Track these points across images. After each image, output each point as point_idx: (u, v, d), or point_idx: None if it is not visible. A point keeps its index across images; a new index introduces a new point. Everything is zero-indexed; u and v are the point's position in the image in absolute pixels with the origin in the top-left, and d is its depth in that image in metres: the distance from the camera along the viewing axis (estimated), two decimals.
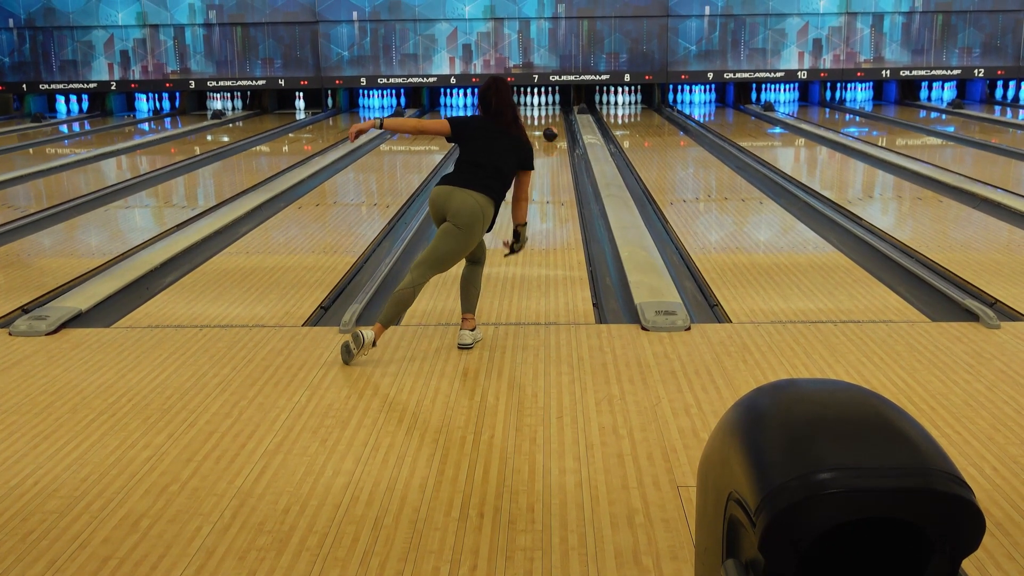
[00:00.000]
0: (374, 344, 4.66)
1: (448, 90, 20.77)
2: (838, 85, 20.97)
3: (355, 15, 19.96)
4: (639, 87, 20.92)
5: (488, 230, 4.81)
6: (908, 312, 5.42)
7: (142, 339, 5.10)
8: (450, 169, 4.88)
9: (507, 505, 3.19)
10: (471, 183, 4.68)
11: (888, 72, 20.21)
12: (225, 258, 7.13)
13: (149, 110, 21.15)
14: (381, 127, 4.81)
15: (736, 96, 20.85)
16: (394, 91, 20.77)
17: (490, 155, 4.74)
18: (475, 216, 4.65)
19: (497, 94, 4.85)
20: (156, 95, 21.07)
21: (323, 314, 5.66)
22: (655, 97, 20.63)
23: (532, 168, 4.90)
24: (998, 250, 7.05)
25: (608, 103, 20.98)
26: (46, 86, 20.60)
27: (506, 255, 5.10)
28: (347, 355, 4.61)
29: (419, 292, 4.73)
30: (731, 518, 1.83)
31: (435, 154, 13.47)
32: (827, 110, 19.78)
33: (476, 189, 4.67)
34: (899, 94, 20.89)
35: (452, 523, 3.08)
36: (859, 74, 20.31)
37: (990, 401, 4.04)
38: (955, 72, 20.14)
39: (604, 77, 20.35)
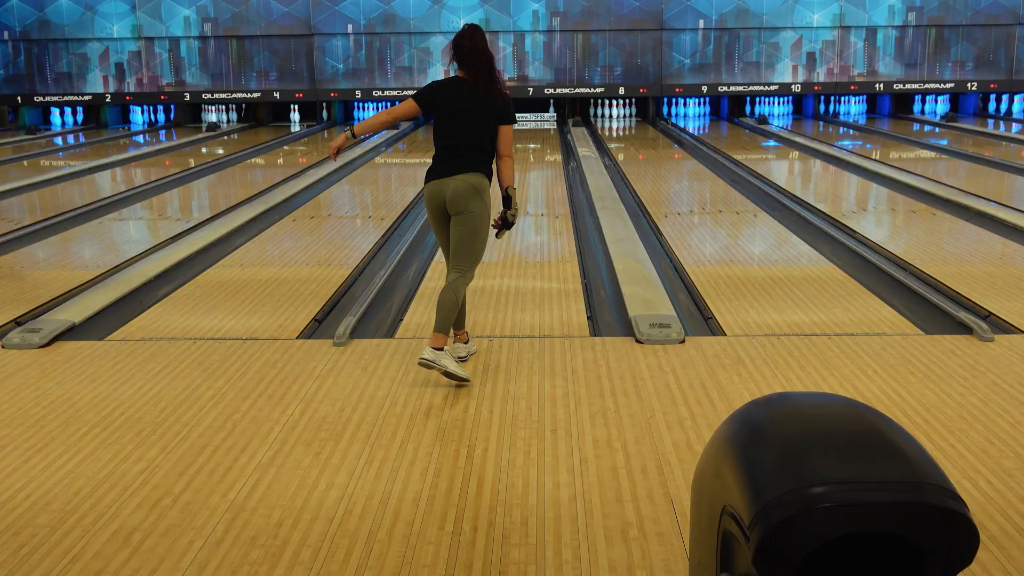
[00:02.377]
0: (442, 349, 4.42)
1: None
2: (832, 98, 21.05)
3: (350, 28, 20.01)
4: (634, 100, 20.99)
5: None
6: (902, 325, 5.43)
7: (135, 352, 5.09)
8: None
9: (501, 519, 3.18)
10: (458, 168, 4.57)
11: (881, 85, 20.31)
12: (219, 271, 7.12)
13: (144, 122, 21.15)
14: (354, 136, 4.77)
15: (730, 109, 20.94)
16: (389, 103, 20.79)
17: (468, 132, 4.58)
18: (472, 195, 4.55)
19: (473, 48, 4.55)
20: (151, 107, 21.09)
21: (317, 327, 5.65)
22: (650, 110, 20.69)
23: (512, 122, 4.70)
24: (992, 263, 7.06)
25: (603, 116, 21.04)
26: (41, 98, 20.61)
27: (498, 234, 4.79)
28: (460, 378, 4.42)
29: (462, 288, 4.57)
30: (725, 532, 1.83)
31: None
32: (821, 123, 19.85)
33: (464, 172, 4.57)
34: (892, 107, 20.99)
35: (445, 537, 3.07)
36: (853, 87, 20.41)
37: (984, 414, 4.04)
38: (948, 86, 20.24)
39: (599, 90, 20.41)
